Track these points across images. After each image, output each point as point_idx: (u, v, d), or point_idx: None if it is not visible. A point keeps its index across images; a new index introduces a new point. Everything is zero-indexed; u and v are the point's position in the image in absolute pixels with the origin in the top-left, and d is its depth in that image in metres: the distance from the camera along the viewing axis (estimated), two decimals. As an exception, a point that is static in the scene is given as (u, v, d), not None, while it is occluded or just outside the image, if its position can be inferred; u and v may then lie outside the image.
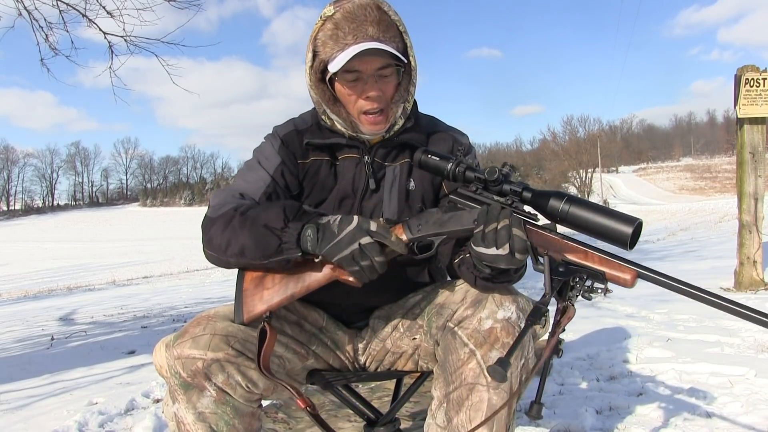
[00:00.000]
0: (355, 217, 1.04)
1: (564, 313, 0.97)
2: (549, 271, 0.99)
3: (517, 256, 0.98)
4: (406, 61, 1.22)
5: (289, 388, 1.09)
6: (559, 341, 0.96)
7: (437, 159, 1.12)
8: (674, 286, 0.94)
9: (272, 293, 1.10)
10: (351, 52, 1.14)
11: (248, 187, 1.25)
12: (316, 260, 1.07)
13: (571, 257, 1.00)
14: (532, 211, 1.06)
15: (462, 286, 1.17)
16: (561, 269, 0.99)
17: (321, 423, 1.17)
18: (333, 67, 1.18)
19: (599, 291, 0.98)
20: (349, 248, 1.01)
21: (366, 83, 1.20)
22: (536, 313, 0.95)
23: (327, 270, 1.09)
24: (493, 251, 0.99)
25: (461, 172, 1.09)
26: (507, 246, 0.98)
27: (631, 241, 0.94)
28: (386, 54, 1.17)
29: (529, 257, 1.03)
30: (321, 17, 1.21)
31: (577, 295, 0.98)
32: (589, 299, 0.99)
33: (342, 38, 1.17)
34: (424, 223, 1.07)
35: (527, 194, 1.04)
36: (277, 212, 1.08)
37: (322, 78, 1.24)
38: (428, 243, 1.10)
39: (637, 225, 0.94)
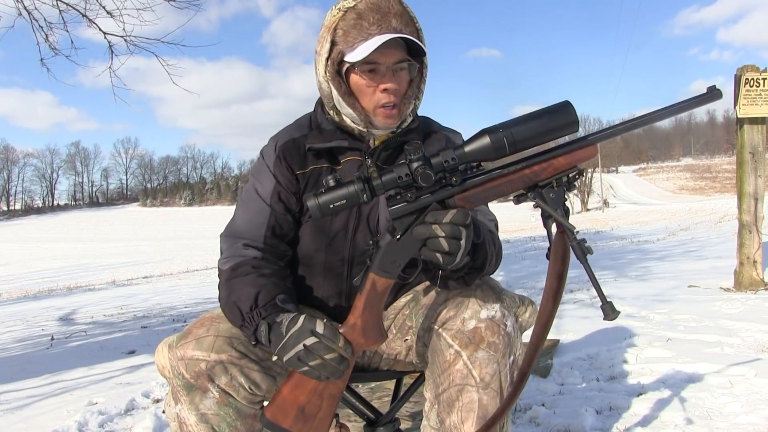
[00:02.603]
0: (301, 318, 1.01)
1: (567, 213, 0.94)
2: (550, 206, 0.94)
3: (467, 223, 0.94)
4: (425, 55, 1.22)
5: None
6: (583, 241, 0.91)
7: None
8: (621, 129, 0.97)
9: (324, 413, 1.04)
10: (377, 41, 1.13)
11: (250, 226, 1.25)
12: (274, 359, 1.05)
13: (543, 177, 0.95)
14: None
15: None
16: (551, 195, 0.95)
17: None
18: (354, 57, 1.16)
19: (576, 179, 0.97)
20: (294, 350, 0.98)
21: (384, 76, 1.18)
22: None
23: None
24: (457, 246, 0.94)
25: (381, 187, 0.96)
26: (460, 229, 0.93)
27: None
28: (402, 48, 1.17)
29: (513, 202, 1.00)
30: (339, 9, 1.19)
31: (565, 196, 0.96)
32: (574, 189, 0.97)
33: (366, 28, 1.15)
34: (398, 258, 1.00)
35: (459, 153, 0.95)
36: (250, 295, 1.10)
37: (337, 70, 1.22)
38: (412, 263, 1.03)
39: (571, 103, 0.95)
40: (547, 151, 0.96)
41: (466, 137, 1.38)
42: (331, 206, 0.95)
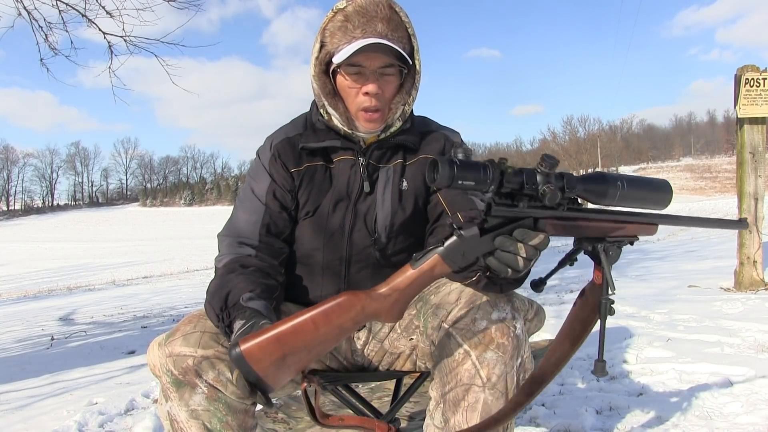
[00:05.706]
0: (238, 329, 1.00)
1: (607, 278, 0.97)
2: (607, 263, 0.97)
3: (539, 250, 0.93)
4: (411, 63, 1.22)
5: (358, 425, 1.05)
6: (612, 302, 0.96)
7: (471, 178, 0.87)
8: (685, 220, 1.04)
9: (301, 366, 0.93)
10: (357, 45, 1.15)
11: (246, 224, 1.27)
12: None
13: (613, 235, 0.99)
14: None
15: (457, 287, 1.15)
16: (610, 252, 0.99)
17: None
18: (337, 59, 1.19)
19: (627, 244, 1.02)
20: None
21: (367, 79, 1.20)
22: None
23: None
24: (527, 266, 0.94)
25: (496, 189, 0.89)
26: (538, 252, 0.93)
27: None
28: (391, 53, 1.18)
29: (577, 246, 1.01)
30: (333, 9, 1.22)
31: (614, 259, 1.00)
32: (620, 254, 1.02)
33: (351, 31, 1.18)
34: (469, 252, 0.95)
35: (577, 185, 0.93)
36: (222, 297, 1.11)
37: (325, 70, 1.24)
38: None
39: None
40: (625, 213, 1.00)
41: (465, 137, 1.38)
42: (460, 182, 0.85)
